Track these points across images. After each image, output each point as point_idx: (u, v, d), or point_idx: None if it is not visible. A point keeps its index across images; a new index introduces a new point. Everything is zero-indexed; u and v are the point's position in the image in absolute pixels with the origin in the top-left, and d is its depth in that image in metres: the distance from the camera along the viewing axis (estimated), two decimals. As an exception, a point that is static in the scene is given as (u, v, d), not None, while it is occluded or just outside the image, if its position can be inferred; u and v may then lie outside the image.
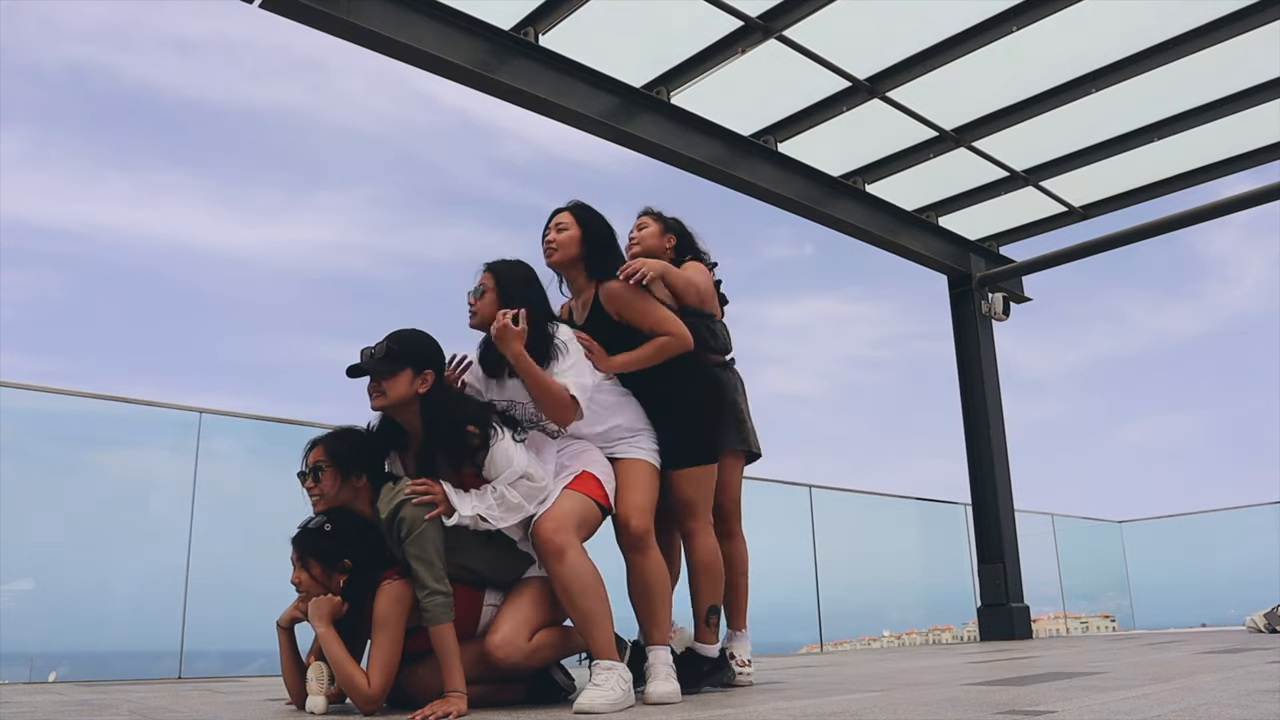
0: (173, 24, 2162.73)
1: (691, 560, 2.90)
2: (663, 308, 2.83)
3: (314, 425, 4.81)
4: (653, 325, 2.78)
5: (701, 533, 2.88)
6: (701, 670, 2.87)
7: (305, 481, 2.51)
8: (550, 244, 2.86)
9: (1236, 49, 5.90)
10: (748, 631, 3.20)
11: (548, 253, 2.87)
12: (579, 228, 2.86)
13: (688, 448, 2.83)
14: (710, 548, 2.89)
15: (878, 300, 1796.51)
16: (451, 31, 5.05)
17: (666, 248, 3.30)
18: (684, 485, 2.83)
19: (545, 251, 2.88)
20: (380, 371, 2.45)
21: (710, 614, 2.89)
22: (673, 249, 3.31)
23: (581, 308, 2.89)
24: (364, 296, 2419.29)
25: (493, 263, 2.71)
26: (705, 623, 2.89)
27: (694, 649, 2.90)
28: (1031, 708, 2.09)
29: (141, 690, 3.57)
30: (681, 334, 2.79)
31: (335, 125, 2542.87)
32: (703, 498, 2.87)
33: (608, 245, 2.90)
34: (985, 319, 8.51)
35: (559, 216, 2.90)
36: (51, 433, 5.17)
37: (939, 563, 10.02)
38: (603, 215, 2.93)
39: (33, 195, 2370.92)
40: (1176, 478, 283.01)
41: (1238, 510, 10.86)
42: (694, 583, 2.90)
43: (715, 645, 2.91)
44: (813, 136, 6.74)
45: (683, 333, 2.80)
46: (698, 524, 2.87)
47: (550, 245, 2.86)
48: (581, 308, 2.89)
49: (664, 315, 2.80)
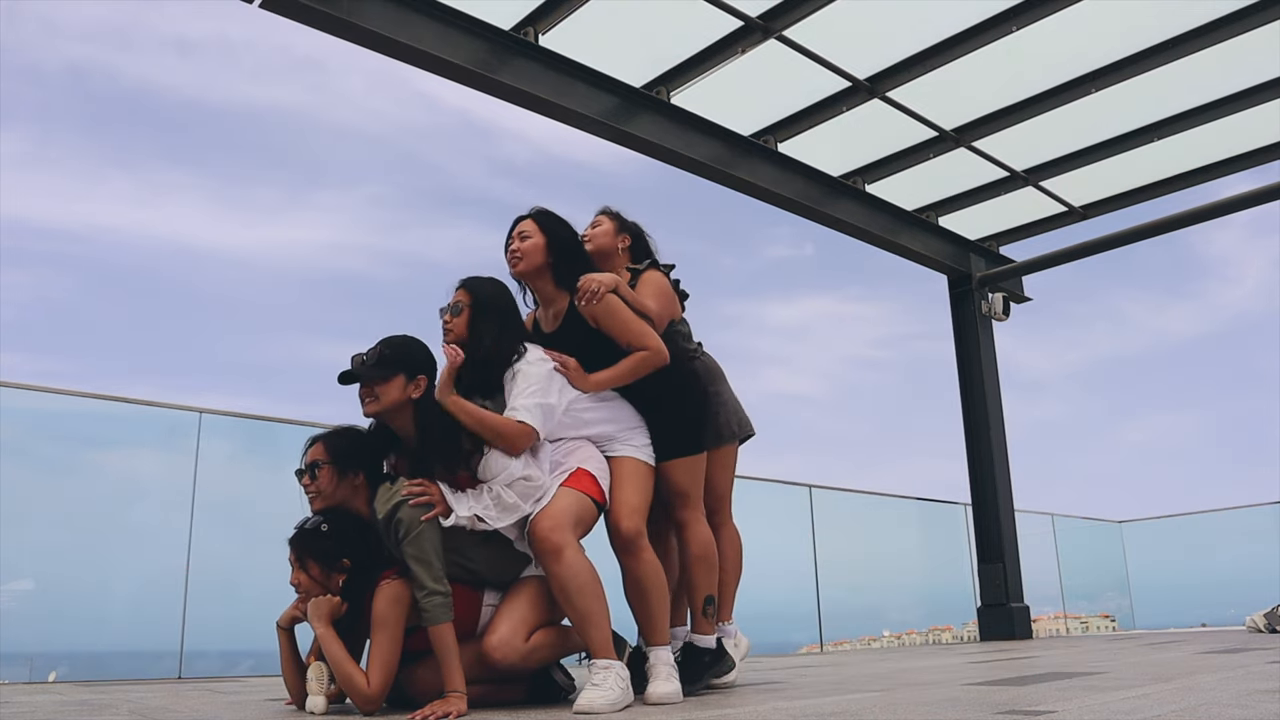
0: (173, 24, 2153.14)
1: (686, 551, 2.90)
2: (640, 321, 2.78)
3: (313, 425, 4.80)
4: (630, 340, 2.74)
5: (695, 522, 2.89)
6: (703, 662, 2.85)
7: (303, 479, 2.51)
8: (514, 253, 2.81)
9: (1236, 49, 5.90)
10: (734, 626, 3.13)
11: (512, 262, 2.82)
12: (543, 235, 2.81)
13: (674, 439, 2.82)
14: (704, 537, 2.89)
15: (878, 300, 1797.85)
16: (451, 31, 5.05)
17: (621, 247, 3.17)
18: (674, 475, 2.83)
19: (509, 261, 2.83)
20: (372, 377, 2.45)
21: (706, 604, 2.88)
22: (627, 250, 3.18)
23: (553, 318, 2.85)
24: (364, 297, 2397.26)
25: (468, 279, 2.68)
26: (702, 614, 2.88)
27: (692, 641, 2.88)
28: (1031, 708, 2.09)
29: (141, 690, 3.57)
30: (659, 349, 2.76)
31: (335, 125, 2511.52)
32: (694, 488, 2.88)
33: (574, 252, 2.86)
34: (985, 319, 8.51)
35: (521, 225, 2.85)
36: (51, 433, 5.17)
37: (939, 563, 10.02)
38: (567, 221, 2.89)
39: (33, 195, 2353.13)
40: (1176, 478, 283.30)
41: (1238, 510, 10.86)
42: (688, 573, 2.89)
43: (712, 636, 2.90)
44: (813, 136, 6.74)
45: (660, 348, 2.77)
46: (690, 514, 2.88)
47: (514, 255, 2.81)
48: (553, 318, 2.85)
49: (641, 330, 2.77)
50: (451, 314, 2.62)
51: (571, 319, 2.80)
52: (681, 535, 2.91)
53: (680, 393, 2.88)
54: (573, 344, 2.75)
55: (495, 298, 2.66)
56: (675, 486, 2.84)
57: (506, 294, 2.72)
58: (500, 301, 2.67)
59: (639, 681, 2.55)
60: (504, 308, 2.66)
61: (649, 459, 2.75)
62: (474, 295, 2.63)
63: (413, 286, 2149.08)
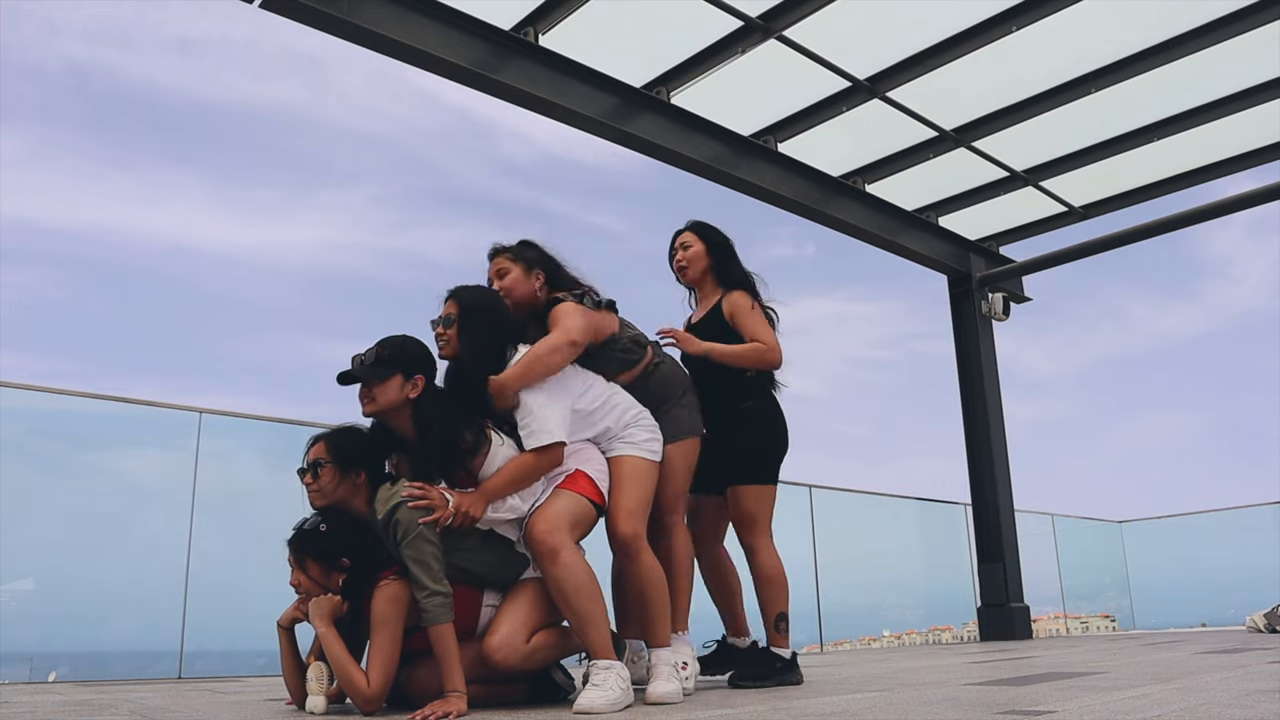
0: (174, 23, 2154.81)
1: (757, 573, 3.17)
2: (765, 325, 3.20)
3: (314, 425, 4.80)
4: (751, 334, 3.17)
5: (764, 548, 3.16)
6: (774, 667, 3.09)
7: (304, 477, 2.51)
8: (680, 263, 3.33)
9: (1236, 49, 5.90)
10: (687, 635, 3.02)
11: (679, 272, 3.36)
12: (701, 243, 3.32)
13: (751, 465, 3.16)
14: (773, 561, 3.17)
15: (879, 300, 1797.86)
16: (451, 31, 5.05)
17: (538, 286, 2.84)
18: (746, 501, 3.15)
19: (676, 271, 3.37)
20: (370, 378, 2.46)
21: (779, 620, 3.15)
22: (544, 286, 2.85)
23: (701, 311, 3.33)
24: (365, 296, 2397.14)
25: (456, 290, 2.66)
26: (775, 629, 3.15)
27: (767, 649, 3.16)
28: (1031, 708, 2.09)
29: (141, 690, 3.57)
30: (774, 347, 3.17)
31: (336, 124, 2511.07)
32: (763, 514, 3.17)
33: (731, 254, 3.33)
34: (985, 319, 8.50)
35: (682, 237, 3.35)
36: (51, 433, 5.17)
37: (939, 563, 10.02)
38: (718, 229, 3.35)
39: (33, 195, 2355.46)
40: (1176, 478, 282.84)
41: (1238, 510, 10.86)
42: (761, 593, 3.17)
43: (787, 649, 3.16)
44: (813, 136, 6.74)
45: (776, 347, 3.17)
46: (760, 539, 3.16)
47: (680, 264, 3.33)
48: (701, 311, 3.33)
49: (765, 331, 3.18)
50: (444, 325, 2.60)
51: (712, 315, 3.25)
52: (753, 559, 3.18)
53: (764, 421, 3.20)
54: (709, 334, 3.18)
55: (483, 306, 2.64)
56: (745, 511, 3.15)
57: (495, 300, 2.70)
58: (489, 309, 2.64)
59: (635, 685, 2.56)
60: (493, 314, 2.64)
61: (651, 454, 2.74)
62: (462, 305, 2.61)
63: (414, 286, 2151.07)
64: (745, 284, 3.31)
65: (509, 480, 2.47)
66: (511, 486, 2.48)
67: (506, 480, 2.46)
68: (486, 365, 2.55)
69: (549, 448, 2.50)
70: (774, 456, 3.21)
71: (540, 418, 2.50)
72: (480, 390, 2.54)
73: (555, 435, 2.50)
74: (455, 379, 2.61)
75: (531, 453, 2.49)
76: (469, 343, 2.56)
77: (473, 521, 2.42)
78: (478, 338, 2.57)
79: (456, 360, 2.59)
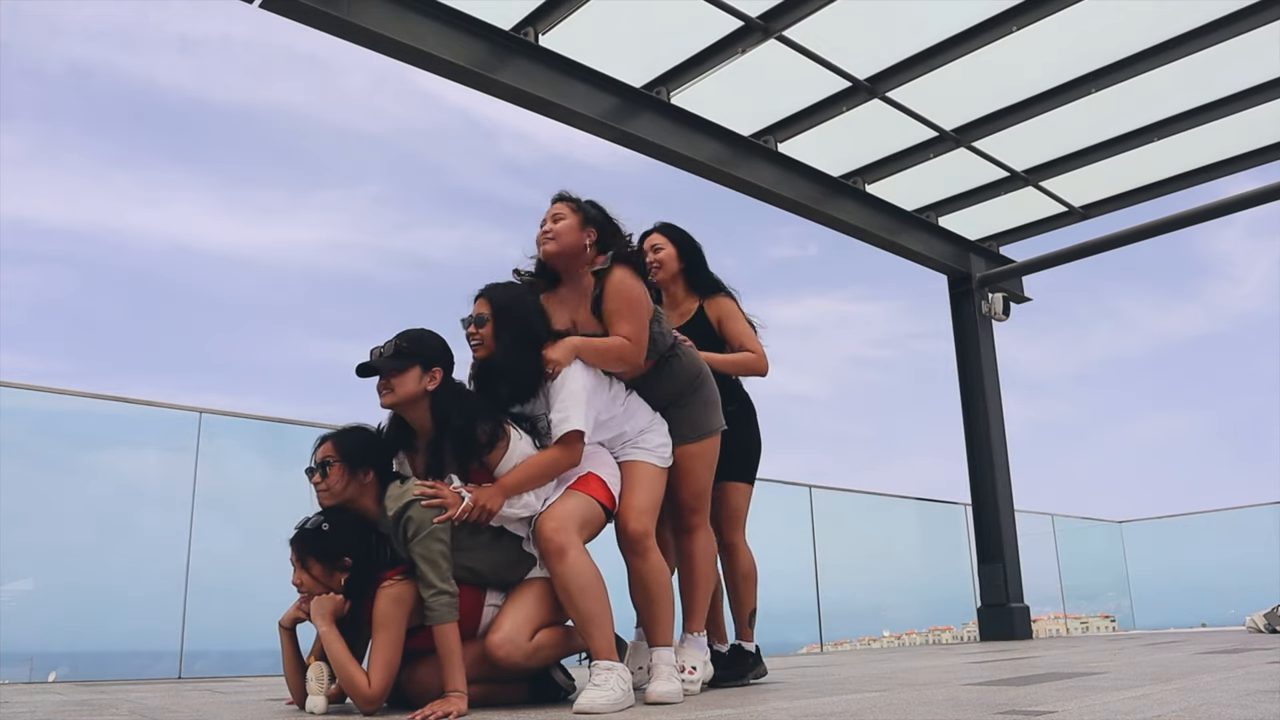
0: (174, 23, 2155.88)
1: (736, 571, 3.27)
2: (750, 333, 3.28)
3: (315, 425, 4.81)
4: (740, 342, 3.25)
5: (743, 546, 3.29)
6: (747, 663, 3.24)
7: (313, 477, 2.51)
8: (653, 264, 3.27)
9: (1236, 49, 5.90)
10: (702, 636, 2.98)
11: (651, 272, 3.23)
12: (673, 246, 3.31)
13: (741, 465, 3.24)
14: (750, 558, 3.29)
15: (879, 300, 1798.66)
16: (451, 31, 5.05)
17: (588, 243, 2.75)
18: (734, 497, 3.24)
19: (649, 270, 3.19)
20: (388, 369, 2.47)
21: (752, 616, 3.29)
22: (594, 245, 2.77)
23: (679, 319, 3.30)
24: (366, 296, 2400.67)
25: (488, 288, 2.66)
26: (748, 624, 3.28)
27: (740, 645, 3.27)
28: (1031, 708, 2.09)
29: (141, 690, 3.57)
30: (764, 356, 3.25)
31: (337, 124, 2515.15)
32: (745, 513, 3.29)
33: (701, 258, 3.34)
34: (985, 319, 8.51)
35: (652, 238, 3.33)
36: (51, 433, 5.16)
37: (939, 563, 10.02)
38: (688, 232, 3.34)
39: (35, 194, 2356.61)
40: (1176, 478, 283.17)
41: (1238, 510, 10.86)
42: (738, 590, 3.28)
43: (753, 643, 3.30)
44: (813, 136, 6.74)
45: (763, 355, 3.25)
46: (740, 537, 3.28)
47: (653, 265, 3.27)
48: (679, 319, 3.30)
49: (753, 339, 3.26)
50: (476, 325, 2.60)
51: (696, 321, 3.27)
52: (731, 555, 3.26)
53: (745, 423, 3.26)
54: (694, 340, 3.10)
55: (516, 303, 2.64)
56: (733, 507, 3.24)
57: (527, 298, 2.70)
58: (523, 306, 2.64)
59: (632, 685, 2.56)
60: (526, 310, 2.64)
61: (661, 460, 2.76)
62: (494, 304, 2.61)
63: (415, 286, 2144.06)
64: (727, 290, 3.37)
65: (528, 476, 2.48)
66: (531, 483, 2.49)
67: (526, 476, 2.47)
68: (523, 361, 2.55)
69: (572, 444, 2.52)
70: (754, 458, 3.34)
71: (580, 403, 2.53)
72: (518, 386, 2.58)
73: (582, 425, 2.52)
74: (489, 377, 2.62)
75: (553, 449, 2.51)
76: (505, 341, 2.57)
77: (489, 516, 2.42)
78: (513, 335, 2.57)
79: (492, 359, 2.59)
